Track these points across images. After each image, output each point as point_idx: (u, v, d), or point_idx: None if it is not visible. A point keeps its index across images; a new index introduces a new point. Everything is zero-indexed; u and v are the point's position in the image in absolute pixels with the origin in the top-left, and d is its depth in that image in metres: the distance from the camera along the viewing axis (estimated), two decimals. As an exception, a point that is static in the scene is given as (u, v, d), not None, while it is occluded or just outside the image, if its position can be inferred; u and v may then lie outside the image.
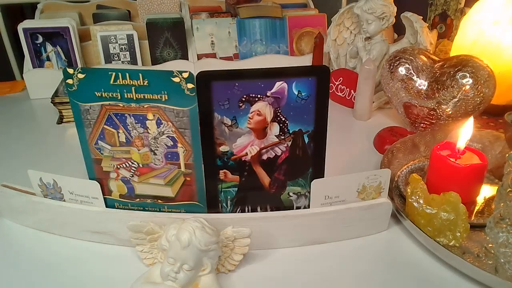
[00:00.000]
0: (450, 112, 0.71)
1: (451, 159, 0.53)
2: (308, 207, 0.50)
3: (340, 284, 0.46)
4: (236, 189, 0.50)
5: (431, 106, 0.72)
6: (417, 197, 0.50)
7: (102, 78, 0.44)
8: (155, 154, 0.48)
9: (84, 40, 1.01)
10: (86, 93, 0.45)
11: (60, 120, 0.85)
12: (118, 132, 0.47)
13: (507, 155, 0.45)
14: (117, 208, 0.51)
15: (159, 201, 0.51)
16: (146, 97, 0.44)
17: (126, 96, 0.45)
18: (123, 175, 0.49)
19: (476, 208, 0.55)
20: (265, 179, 0.49)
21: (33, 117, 0.89)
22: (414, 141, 0.68)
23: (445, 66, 0.72)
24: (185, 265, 0.41)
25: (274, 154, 0.48)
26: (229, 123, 0.46)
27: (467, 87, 0.68)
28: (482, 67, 0.68)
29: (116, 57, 1.01)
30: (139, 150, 0.48)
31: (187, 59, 1.05)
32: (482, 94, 0.68)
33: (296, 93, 0.44)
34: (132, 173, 0.49)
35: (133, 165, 0.49)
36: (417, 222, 0.50)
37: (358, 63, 0.93)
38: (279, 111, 0.45)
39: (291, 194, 0.50)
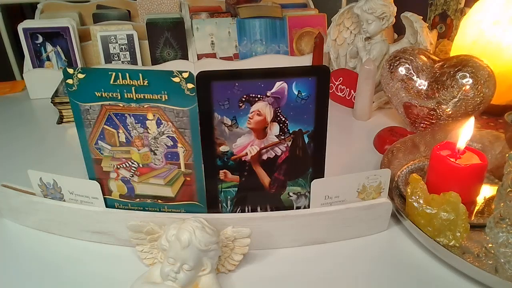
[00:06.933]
0: (450, 112, 0.71)
1: (451, 159, 0.53)
2: (308, 207, 0.50)
3: (340, 284, 0.46)
4: (236, 189, 0.50)
5: (431, 106, 0.72)
6: (417, 197, 0.50)
7: (102, 78, 0.44)
8: (155, 154, 0.48)
9: (84, 40, 1.02)
10: (86, 93, 0.45)
11: (60, 120, 0.85)
12: (118, 132, 0.47)
13: (507, 155, 0.45)
14: (117, 208, 0.51)
15: (159, 201, 0.51)
16: (146, 97, 0.44)
17: (126, 96, 0.45)
18: (123, 175, 0.49)
19: (476, 208, 0.55)
20: (265, 179, 0.49)
21: (33, 117, 0.89)
22: (414, 141, 0.68)
23: (445, 66, 0.72)
24: (185, 265, 0.41)
25: (274, 154, 0.48)
26: (229, 123, 0.46)
27: (467, 87, 0.68)
28: (482, 67, 0.68)
29: (116, 57, 1.01)
30: (139, 150, 0.48)
31: (187, 59, 1.05)
32: (482, 94, 0.68)
33: (296, 93, 0.44)
34: (132, 173, 0.49)
35: (133, 165, 0.49)
36: (417, 222, 0.50)
37: (358, 63, 0.93)
38: (279, 111, 0.45)
39: (291, 194, 0.50)
